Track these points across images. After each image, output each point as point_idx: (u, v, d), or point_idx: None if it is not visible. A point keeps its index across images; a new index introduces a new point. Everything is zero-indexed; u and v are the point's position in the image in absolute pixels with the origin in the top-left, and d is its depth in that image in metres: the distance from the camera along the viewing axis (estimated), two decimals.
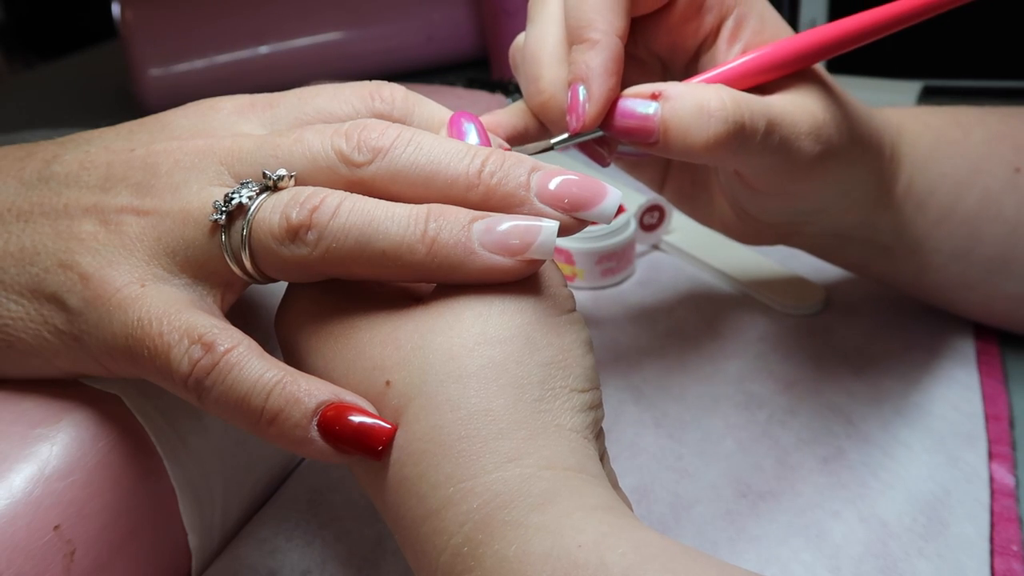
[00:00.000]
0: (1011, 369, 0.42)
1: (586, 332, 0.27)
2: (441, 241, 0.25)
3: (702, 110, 0.30)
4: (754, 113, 0.30)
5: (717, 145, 0.30)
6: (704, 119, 0.30)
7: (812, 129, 0.32)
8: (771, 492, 0.36)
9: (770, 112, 0.31)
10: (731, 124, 0.30)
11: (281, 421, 0.24)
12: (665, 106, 0.30)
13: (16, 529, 0.25)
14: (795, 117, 0.32)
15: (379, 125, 0.27)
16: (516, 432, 0.24)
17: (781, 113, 0.31)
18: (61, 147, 0.29)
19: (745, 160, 0.32)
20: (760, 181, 0.34)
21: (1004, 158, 0.38)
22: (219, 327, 0.25)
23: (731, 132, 0.30)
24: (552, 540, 0.22)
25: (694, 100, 0.30)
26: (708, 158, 0.31)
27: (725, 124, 0.30)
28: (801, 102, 0.32)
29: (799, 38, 0.33)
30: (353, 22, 0.82)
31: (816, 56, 0.33)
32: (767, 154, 0.31)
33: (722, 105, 0.30)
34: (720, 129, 0.30)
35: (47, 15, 1.67)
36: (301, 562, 0.33)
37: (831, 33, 0.33)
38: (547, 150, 0.33)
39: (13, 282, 0.27)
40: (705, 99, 0.30)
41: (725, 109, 0.30)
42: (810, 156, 0.32)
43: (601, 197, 0.26)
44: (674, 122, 0.30)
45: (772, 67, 0.33)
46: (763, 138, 0.31)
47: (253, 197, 0.26)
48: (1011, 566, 0.32)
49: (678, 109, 0.30)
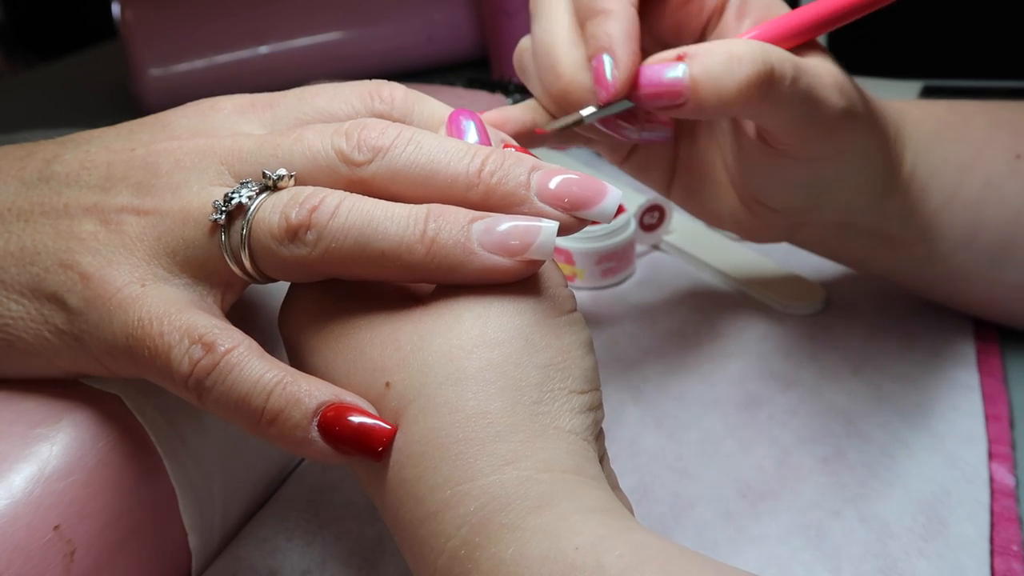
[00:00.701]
0: (1011, 369, 0.42)
1: (586, 333, 0.27)
2: (440, 241, 0.25)
3: (731, 57, 0.30)
4: (782, 58, 0.31)
5: (750, 89, 0.30)
6: (735, 64, 0.30)
7: (835, 83, 0.33)
8: (771, 492, 0.36)
9: (796, 60, 0.32)
10: (761, 65, 0.30)
11: (281, 421, 0.24)
12: (694, 63, 0.31)
13: (16, 529, 0.25)
14: (819, 70, 0.32)
15: (379, 124, 0.27)
16: (514, 435, 0.24)
17: (807, 63, 0.32)
18: (61, 147, 0.29)
19: (775, 110, 0.32)
20: (789, 136, 0.34)
21: (1004, 144, 0.39)
22: (219, 327, 0.25)
23: (762, 74, 0.30)
24: (549, 543, 0.22)
25: (723, 50, 0.31)
26: (741, 107, 0.31)
27: (755, 64, 0.30)
28: (820, 63, 0.33)
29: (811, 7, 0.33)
30: (353, 22, 0.82)
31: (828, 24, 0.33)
32: (796, 103, 0.32)
33: (750, 49, 0.30)
34: (751, 71, 0.30)
35: (47, 15, 1.67)
36: (301, 562, 0.33)
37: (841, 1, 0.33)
38: (578, 123, 0.33)
39: (14, 282, 0.27)
40: (733, 47, 0.31)
41: (753, 52, 0.30)
42: (836, 109, 0.33)
43: (601, 196, 0.26)
44: (704, 76, 0.30)
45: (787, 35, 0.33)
46: (791, 83, 0.31)
47: (253, 197, 0.26)
48: (1011, 566, 0.32)
49: (707, 63, 0.30)
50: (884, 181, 0.37)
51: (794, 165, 0.35)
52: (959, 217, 0.38)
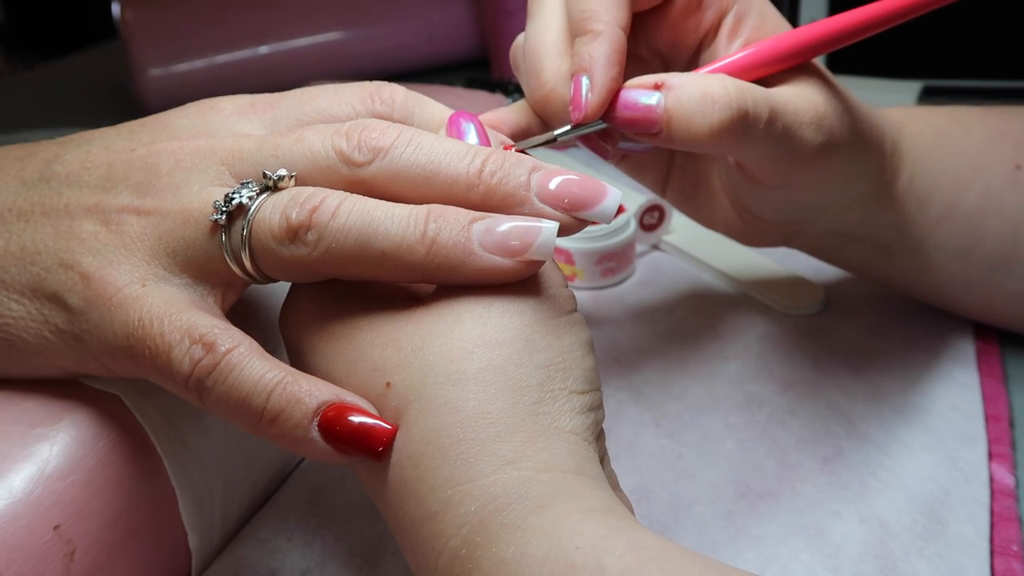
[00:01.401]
0: (1011, 369, 0.42)
1: (587, 333, 0.27)
2: (441, 242, 0.25)
3: (705, 97, 0.30)
4: (757, 100, 0.31)
5: (721, 132, 0.30)
6: (708, 106, 0.30)
7: (814, 119, 0.32)
8: (771, 492, 0.36)
9: (773, 100, 0.31)
10: (735, 110, 0.30)
11: (282, 421, 0.24)
12: (669, 95, 0.30)
13: (16, 529, 0.25)
14: (797, 107, 0.32)
15: (379, 125, 0.27)
16: (514, 435, 0.24)
17: (784, 102, 0.32)
18: (62, 147, 0.29)
19: (748, 149, 0.32)
20: (763, 172, 0.34)
21: (1005, 155, 0.39)
22: (220, 327, 0.25)
23: (735, 119, 0.30)
24: (550, 542, 0.22)
25: (697, 88, 0.30)
26: (712, 146, 0.31)
27: (729, 110, 0.30)
28: (803, 94, 0.32)
29: (801, 31, 0.33)
30: (353, 22, 0.82)
31: (817, 49, 0.33)
32: (770, 142, 0.31)
33: (725, 92, 0.30)
34: (724, 115, 0.30)
35: (47, 15, 1.67)
36: (301, 562, 0.33)
37: (832, 26, 0.33)
38: (550, 142, 0.33)
39: (14, 282, 0.27)
40: (708, 87, 0.30)
41: (728, 95, 0.30)
42: (812, 146, 0.32)
43: (601, 197, 0.26)
44: (678, 111, 0.30)
45: (774, 60, 0.33)
46: (766, 126, 0.31)
47: (253, 197, 0.26)
48: (1011, 566, 0.32)
49: (682, 98, 0.30)
50: (877, 196, 0.37)
51: (774, 192, 0.35)
52: (958, 228, 0.38)
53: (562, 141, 0.33)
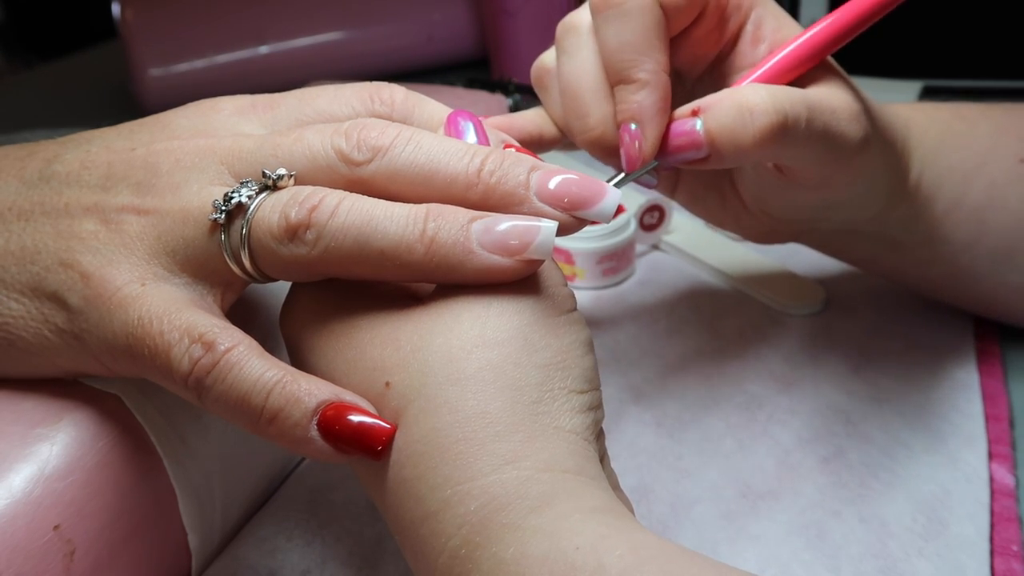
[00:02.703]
0: (1011, 369, 0.42)
1: (586, 332, 0.27)
2: (440, 241, 0.25)
3: (743, 109, 0.30)
4: (794, 102, 0.31)
5: (764, 140, 0.30)
6: (747, 117, 0.30)
7: (852, 114, 0.32)
8: (771, 492, 0.36)
9: (808, 100, 0.31)
10: (774, 115, 0.30)
11: (281, 420, 0.25)
12: (707, 117, 0.31)
13: (16, 529, 0.25)
14: (833, 103, 0.32)
15: (379, 124, 0.27)
16: (513, 434, 0.24)
17: (819, 101, 0.32)
18: (62, 147, 0.29)
19: (793, 152, 0.32)
20: (807, 173, 0.34)
21: (1009, 149, 0.39)
22: (219, 326, 0.25)
23: (775, 124, 0.30)
24: (549, 542, 0.22)
25: (733, 102, 0.31)
26: (759, 155, 0.31)
27: (768, 116, 0.30)
28: (834, 92, 0.33)
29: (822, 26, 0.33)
30: (353, 22, 0.82)
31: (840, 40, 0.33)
32: (813, 142, 0.32)
33: (761, 100, 0.30)
34: (765, 123, 0.30)
35: (47, 15, 1.67)
36: (301, 562, 0.33)
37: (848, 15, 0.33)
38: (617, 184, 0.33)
39: (14, 281, 0.27)
40: (743, 98, 0.31)
41: (765, 102, 0.30)
42: (855, 141, 0.33)
43: (600, 196, 0.26)
44: (719, 130, 0.31)
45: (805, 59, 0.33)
46: (807, 125, 0.31)
47: (253, 196, 0.26)
48: (1011, 566, 0.32)
49: (719, 116, 0.31)
50: (891, 192, 0.37)
51: (807, 191, 0.35)
52: (964, 222, 0.39)
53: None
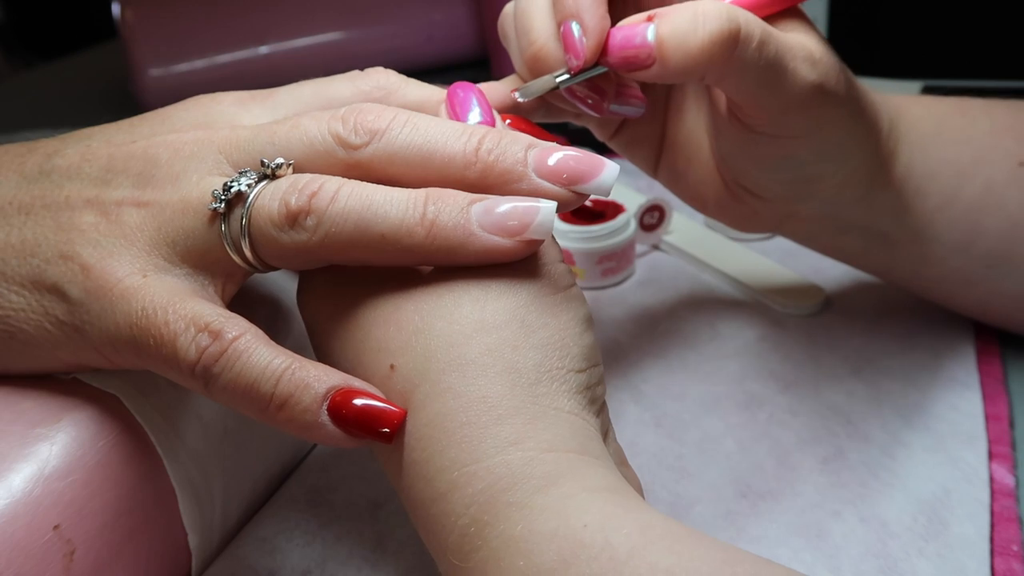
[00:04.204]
0: (1011, 369, 0.42)
1: (585, 309, 0.28)
2: (440, 223, 0.25)
3: (696, 15, 0.29)
4: (749, 20, 0.30)
5: (712, 47, 0.29)
6: (700, 21, 0.29)
7: (807, 56, 0.31)
8: (771, 492, 0.36)
9: (766, 27, 0.30)
10: (727, 23, 0.29)
11: (291, 406, 0.25)
12: (660, 23, 0.30)
13: (16, 529, 0.25)
14: (790, 41, 0.31)
15: (375, 108, 0.27)
16: (515, 417, 0.24)
17: (777, 33, 0.31)
18: (62, 142, 0.30)
19: (741, 75, 0.31)
20: (756, 108, 0.33)
21: (1008, 150, 0.38)
22: (225, 315, 0.26)
23: (726, 32, 0.29)
24: (557, 520, 0.22)
25: (688, 9, 0.30)
26: (705, 65, 0.30)
27: (720, 22, 0.29)
28: (796, 36, 0.32)
29: None
30: (353, 22, 0.82)
31: None
32: (762, 69, 0.30)
33: (717, 8, 0.29)
34: (715, 27, 0.29)
35: (47, 15, 1.67)
36: (301, 562, 0.33)
37: None
38: (552, 89, 0.32)
39: (14, 273, 0.27)
40: (699, 6, 0.30)
41: (720, 10, 0.29)
42: (806, 82, 0.31)
43: (599, 170, 0.27)
44: (670, 34, 0.29)
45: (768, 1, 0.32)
46: (758, 47, 0.30)
47: (252, 185, 0.26)
48: (1011, 566, 0.32)
49: (674, 21, 0.29)
50: (872, 175, 0.36)
51: (767, 143, 0.34)
52: (957, 221, 0.38)
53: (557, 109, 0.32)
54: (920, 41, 0.71)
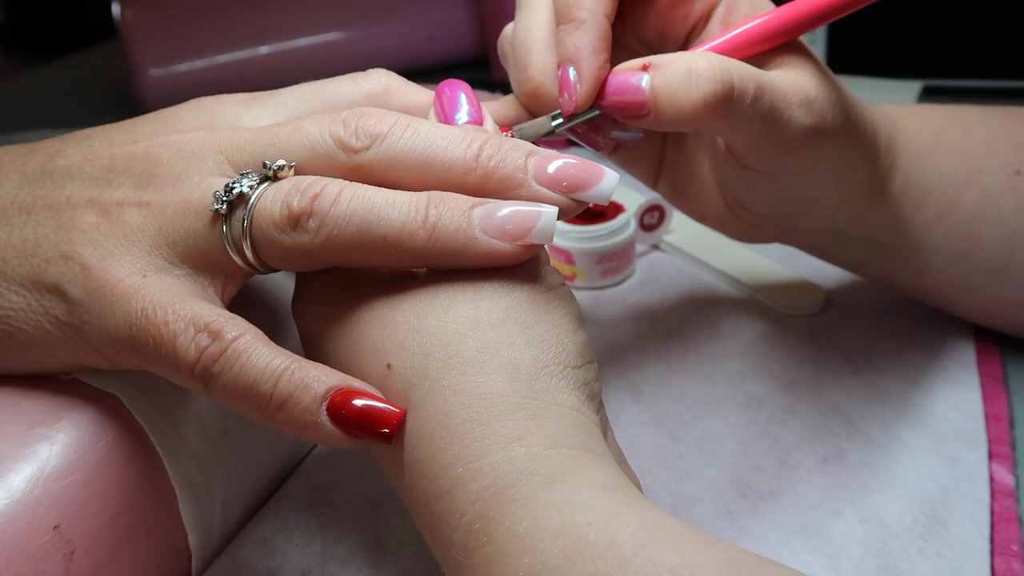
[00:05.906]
0: (1011, 369, 0.42)
1: (576, 307, 0.28)
2: (442, 227, 0.26)
3: (690, 72, 0.29)
4: (743, 76, 0.30)
5: (707, 107, 0.29)
6: (693, 80, 0.29)
7: (803, 100, 0.31)
8: (771, 492, 0.36)
9: (760, 78, 0.30)
10: (720, 84, 0.29)
11: (290, 406, 0.25)
12: (655, 75, 0.30)
13: (16, 529, 0.25)
14: (785, 87, 0.31)
15: (376, 112, 0.28)
16: (517, 413, 0.24)
17: (771, 81, 0.31)
18: (64, 143, 0.30)
19: (735, 128, 0.31)
20: (752, 154, 0.33)
21: (1005, 159, 0.38)
22: (224, 315, 0.26)
23: (720, 93, 0.29)
24: (562, 517, 0.22)
25: (683, 64, 0.30)
26: (699, 122, 0.30)
27: (713, 84, 0.29)
28: (792, 76, 0.32)
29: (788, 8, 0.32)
30: (353, 22, 0.82)
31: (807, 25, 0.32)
32: (757, 121, 0.31)
33: (710, 66, 0.29)
34: (709, 89, 0.29)
35: (47, 15, 1.67)
36: (301, 562, 0.33)
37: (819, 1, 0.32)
38: (549, 134, 0.32)
39: (15, 273, 0.27)
40: (693, 62, 0.30)
41: (713, 70, 0.29)
42: (801, 127, 0.31)
43: (599, 178, 0.27)
44: (664, 89, 0.29)
45: (763, 38, 0.32)
46: (753, 102, 0.30)
47: (254, 186, 0.26)
48: (1011, 566, 0.32)
49: (668, 75, 0.30)
50: (871, 192, 0.36)
51: (765, 178, 0.34)
52: (954, 231, 0.38)
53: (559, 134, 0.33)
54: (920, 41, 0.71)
